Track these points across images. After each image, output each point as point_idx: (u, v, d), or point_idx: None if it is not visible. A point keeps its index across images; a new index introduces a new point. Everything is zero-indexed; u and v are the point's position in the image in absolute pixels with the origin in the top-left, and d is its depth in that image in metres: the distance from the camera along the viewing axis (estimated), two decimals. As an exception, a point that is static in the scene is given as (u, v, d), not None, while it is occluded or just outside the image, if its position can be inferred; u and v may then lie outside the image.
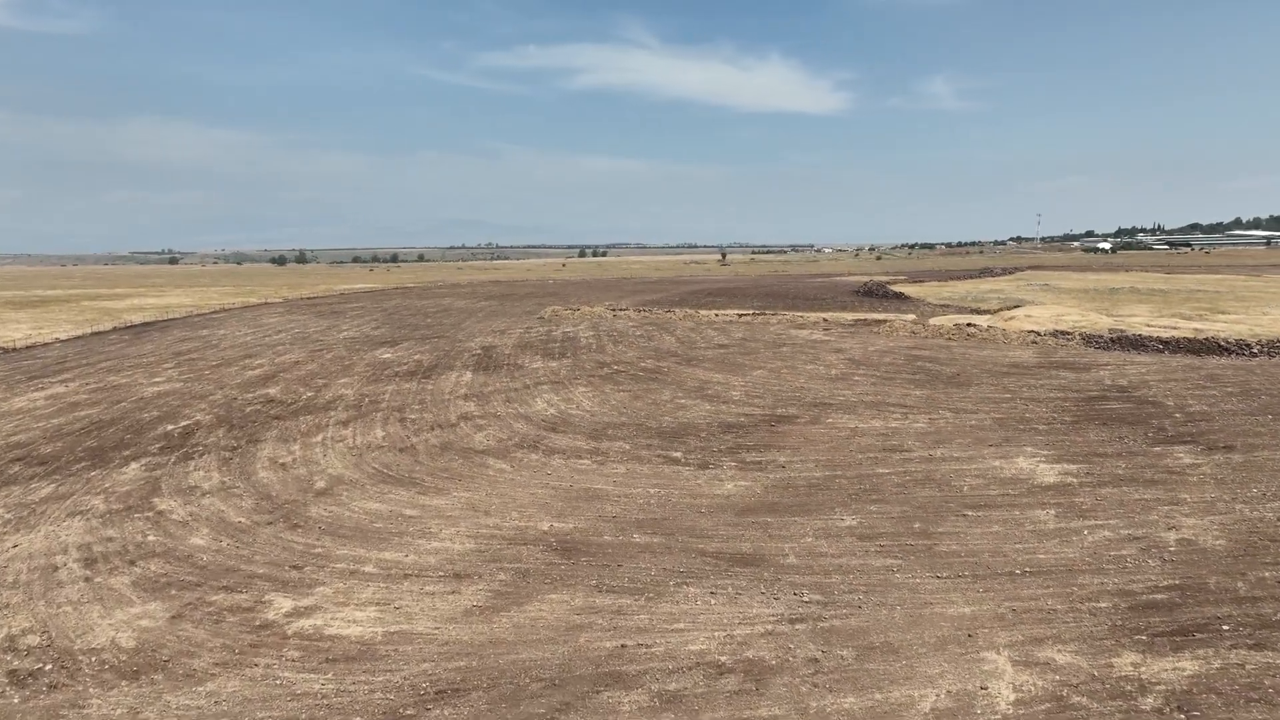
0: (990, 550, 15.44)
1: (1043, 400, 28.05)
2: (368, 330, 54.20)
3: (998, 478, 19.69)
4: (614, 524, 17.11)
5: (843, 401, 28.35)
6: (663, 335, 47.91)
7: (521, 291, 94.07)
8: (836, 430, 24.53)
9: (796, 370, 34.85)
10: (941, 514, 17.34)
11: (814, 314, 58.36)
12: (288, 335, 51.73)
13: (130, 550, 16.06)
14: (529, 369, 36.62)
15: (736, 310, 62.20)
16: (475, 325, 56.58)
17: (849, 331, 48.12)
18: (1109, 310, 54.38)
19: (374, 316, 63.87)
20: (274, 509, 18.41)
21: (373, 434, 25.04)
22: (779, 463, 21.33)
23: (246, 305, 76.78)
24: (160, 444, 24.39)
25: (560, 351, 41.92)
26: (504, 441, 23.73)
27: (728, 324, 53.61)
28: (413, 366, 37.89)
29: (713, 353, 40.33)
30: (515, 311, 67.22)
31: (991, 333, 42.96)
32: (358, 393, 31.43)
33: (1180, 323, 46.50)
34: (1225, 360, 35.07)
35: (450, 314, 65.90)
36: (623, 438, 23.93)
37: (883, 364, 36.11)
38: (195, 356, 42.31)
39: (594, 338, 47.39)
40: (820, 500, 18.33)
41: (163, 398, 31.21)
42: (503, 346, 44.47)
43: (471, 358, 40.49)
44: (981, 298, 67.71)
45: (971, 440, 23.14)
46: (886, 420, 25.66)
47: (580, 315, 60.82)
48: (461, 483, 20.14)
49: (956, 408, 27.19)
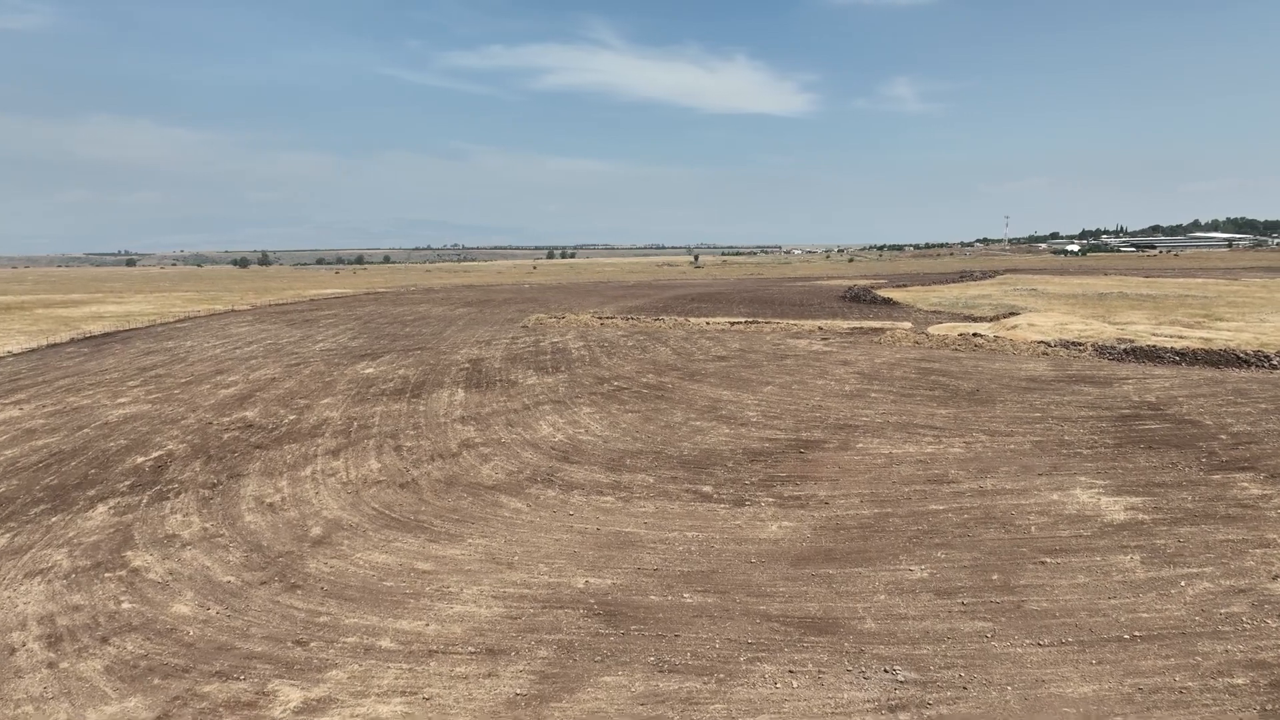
0: (1085, 607, 13.78)
1: (1075, 420, 26.63)
2: (344, 341, 51.64)
3: (1062, 514, 18.08)
4: (657, 579, 15.19)
5: (867, 423, 26.69)
6: (656, 346, 46.05)
7: (499, 297, 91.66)
8: (870, 457, 22.84)
9: (807, 386, 33.17)
10: (1017, 561, 15.67)
11: (807, 322, 56.88)
12: (260, 347, 49.02)
13: (102, 623, 13.81)
14: (524, 386, 34.53)
15: (726, 318, 60.54)
16: (457, 335, 54.27)
17: (849, 341, 46.64)
18: (1107, 317, 53.59)
19: (349, 325, 61.20)
20: (267, 563, 16.22)
21: (367, 466, 22.85)
22: (820, 498, 19.56)
23: (213, 313, 73.54)
24: (130, 480, 21.98)
25: (553, 365, 39.86)
26: (515, 475, 21.68)
27: (721, 333, 51.90)
28: (399, 383, 35.60)
29: (714, 366, 38.53)
30: (496, 319, 64.95)
31: (1000, 343, 41.67)
32: (344, 415, 29.14)
33: (1184, 331, 45.66)
34: (1246, 373, 34.03)
35: (429, 322, 63.43)
36: (643, 468, 22.01)
37: (895, 378, 34.58)
38: (162, 372, 39.59)
39: (585, 349, 45.38)
40: (879, 546, 16.57)
41: (130, 423, 28.67)
42: (491, 359, 42.30)
43: (460, 373, 38.28)
44: (972, 304, 66.75)
45: (1018, 468, 21.56)
46: (920, 444, 24.03)
47: (566, 324, 58.75)
48: (475, 526, 18.08)
49: (989, 429, 25.66)
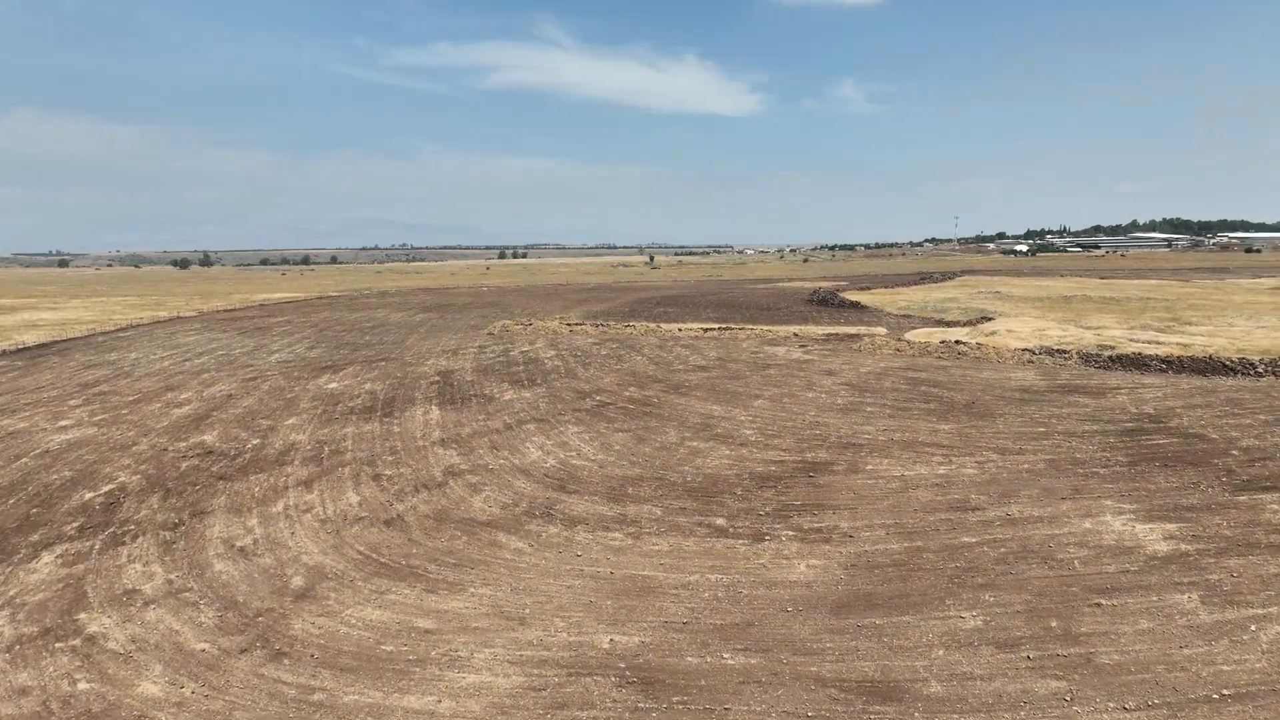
0: (1160, 660, 12.68)
1: (1082, 435, 25.86)
2: (302, 351, 49.12)
3: (1102, 546, 17.07)
4: (690, 635, 13.71)
5: (870, 441, 25.56)
6: (632, 355, 44.57)
7: (458, 301, 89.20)
8: (883, 481, 21.67)
9: (798, 399, 32.01)
10: (1071, 604, 14.55)
11: (781, 327, 55.93)
12: (211, 359, 46.29)
13: (56, 711, 11.84)
14: (502, 402, 32.76)
15: (697, 324, 59.31)
16: (421, 343, 52.09)
17: (828, 349, 45.71)
18: (1079, 321, 53.61)
19: (305, 334, 58.50)
20: (245, 624, 14.35)
21: (345, 499, 20.95)
22: (842, 530, 18.28)
23: (157, 321, 69.95)
24: (78, 521, 19.76)
25: (528, 378, 38.13)
26: (510, 508, 20.01)
27: (695, 340, 50.61)
28: (367, 400, 33.54)
29: (697, 377, 37.19)
30: (459, 326, 62.78)
31: (984, 351, 41.09)
32: (312, 438, 27.08)
33: (1159, 336, 45.69)
34: (1234, 381, 33.80)
35: (388, 329, 61.01)
36: (648, 498, 20.51)
37: (886, 389, 33.62)
38: (107, 389, 36.86)
39: (558, 359, 43.70)
40: (920, 588, 15.32)
41: (74, 450, 26.23)
42: (462, 371, 40.37)
43: (431, 387, 36.33)
44: (941, 308, 66.57)
45: (1039, 491, 20.59)
46: (931, 465, 22.96)
47: (533, 331, 56.90)
48: (476, 572, 16.40)
49: (996, 446, 24.72)
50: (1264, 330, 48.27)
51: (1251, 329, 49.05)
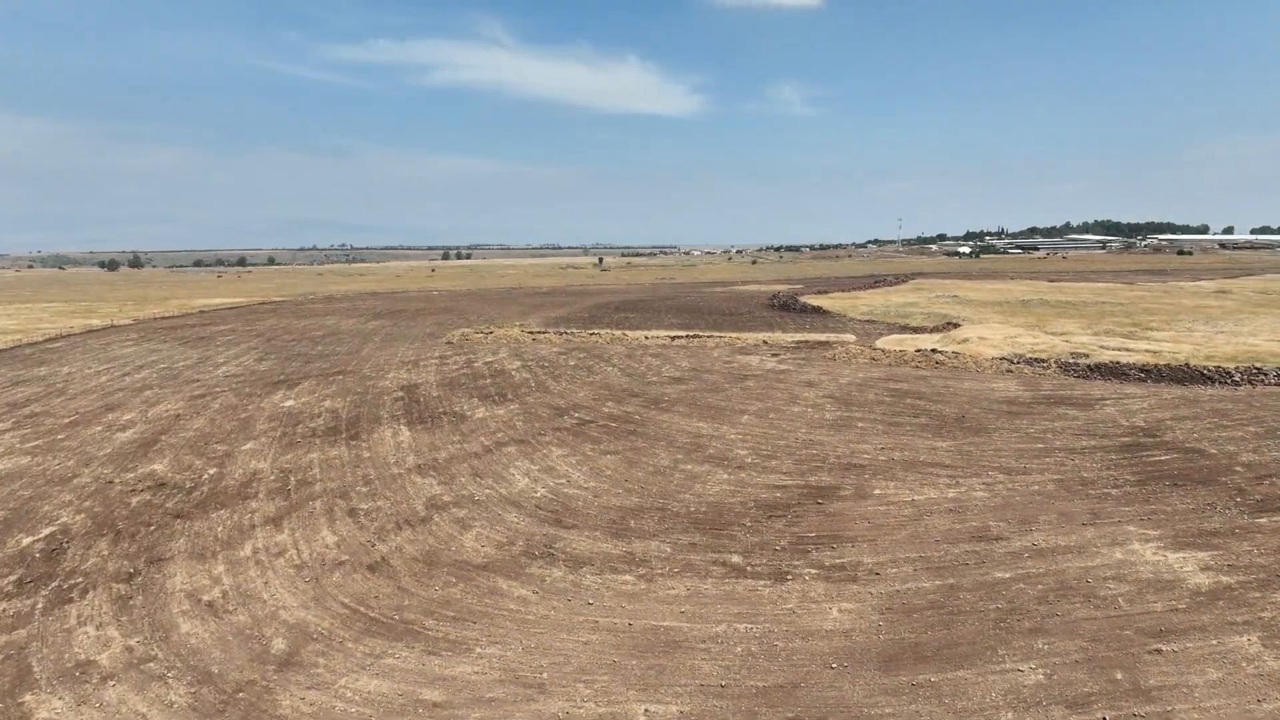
0: (1240, 716, 11.76)
1: (1081, 452, 25.27)
2: (251, 364, 46.46)
3: (1140, 579, 16.24)
4: (731, 702, 12.37)
5: (871, 461, 24.56)
6: (602, 366, 43.10)
7: (411, 307, 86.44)
8: (895, 507, 20.64)
9: (785, 414, 30.94)
10: (1129, 650, 13.60)
11: (748, 335, 55.00)
12: (153, 373, 43.41)
13: (4, 831, 9.95)
14: (475, 420, 31.01)
15: (663, 331, 58.08)
16: (377, 354, 49.81)
17: (802, 358, 44.86)
18: (1044, 327, 53.84)
19: (252, 344, 55.59)
20: (224, 702, 12.54)
21: (321, 539, 19.10)
22: (867, 566, 17.15)
23: (90, 330, 66.00)
24: (16, 573, 17.56)
25: (498, 392, 36.38)
26: (505, 547, 18.41)
27: (664, 349, 49.35)
28: (329, 419, 31.46)
29: (674, 391, 35.90)
30: (415, 334, 60.45)
31: (961, 360, 40.64)
32: (275, 466, 25.03)
33: (1127, 343, 45.93)
34: (1213, 390, 33.79)
35: (341, 338, 58.41)
36: (653, 532, 19.11)
37: (871, 402, 32.78)
38: (39, 410, 34.01)
39: (526, 371, 42.00)
40: (967, 635, 14.23)
41: (5, 485, 23.75)
42: (426, 386, 38.41)
43: (396, 404, 34.35)
44: (904, 313, 66.49)
45: (1057, 517, 19.77)
46: (939, 488, 22.03)
47: (494, 340, 54.97)
48: (479, 627, 14.80)
49: (1000, 465, 23.95)
50: (1224, 336, 48.96)
51: (1212, 335, 49.73)
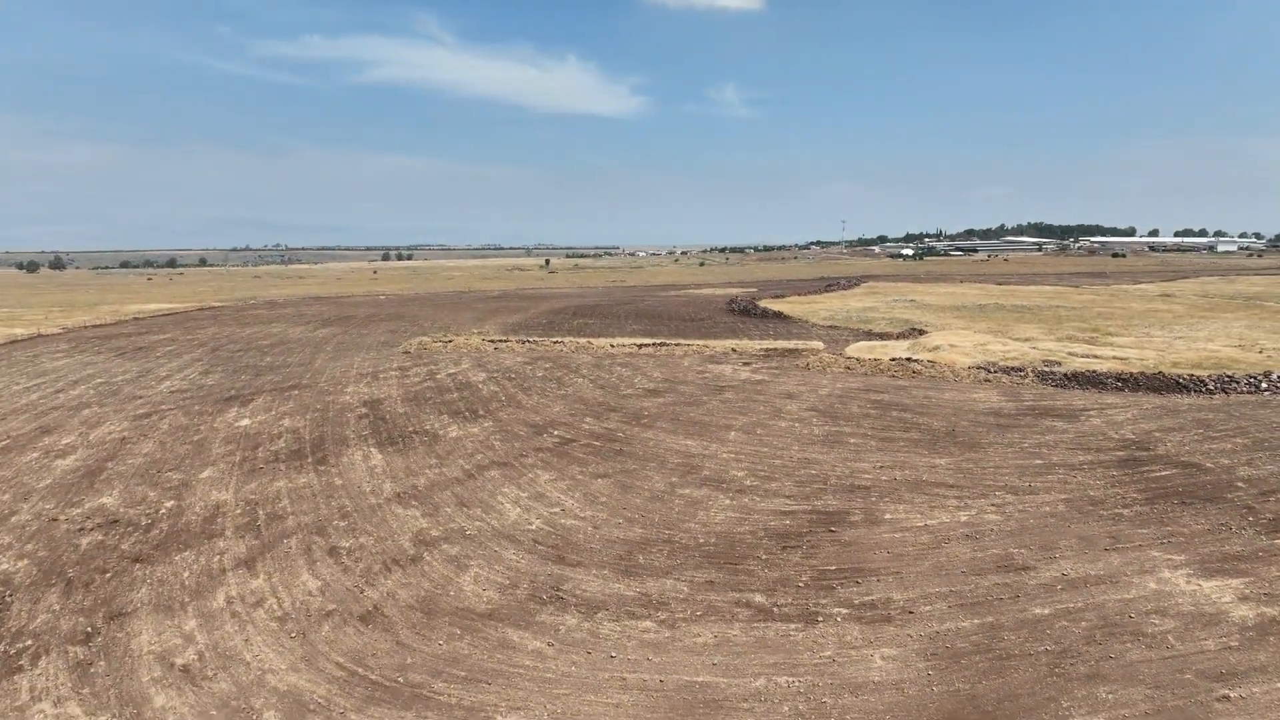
0: (1331, 773, 11.05)
1: (1080, 468, 24.87)
2: (196, 378, 43.83)
3: (1180, 612, 15.62)
4: (794, 774, 11.20)
5: (873, 482, 23.75)
6: (572, 378, 41.69)
7: (359, 313, 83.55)
8: (910, 534, 19.81)
9: (771, 429, 30.03)
10: (1196, 698, 12.89)
11: (716, 343, 54.09)
12: (90, 389, 40.54)
13: None
14: (449, 440, 29.38)
15: (627, 339, 56.83)
16: (332, 365, 47.56)
17: (773, 367, 44.11)
18: (1007, 333, 54.11)
19: (195, 355, 52.65)
20: (214, 798, 10.90)
21: (302, 585, 17.40)
22: (898, 604, 16.21)
23: (14, 340, 61.91)
24: (-46, 634, 15.49)
25: (468, 408, 34.74)
26: (509, 590, 16.97)
27: (632, 358, 48.12)
28: (291, 441, 29.49)
29: (652, 404, 34.73)
30: (369, 343, 58.10)
31: (936, 369, 40.32)
32: (240, 498, 23.10)
33: (1094, 350, 46.29)
34: (1190, 399, 33.97)
35: (291, 348, 55.79)
36: (665, 568, 17.89)
37: (856, 415, 32.08)
38: (-34, 433, 31.22)
39: (493, 384, 40.37)
40: (1023, 683, 13.34)
41: (-65, 523, 21.37)
42: (390, 401, 36.52)
43: (361, 422, 32.47)
44: (866, 318, 66.42)
45: (1077, 541, 19.17)
46: (950, 511, 21.29)
47: (455, 349, 53.02)
48: (495, 689, 13.39)
49: (1003, 483, 23.37)
50: (1183, 341, 49.77)
51: (1170, 340, 50.53)
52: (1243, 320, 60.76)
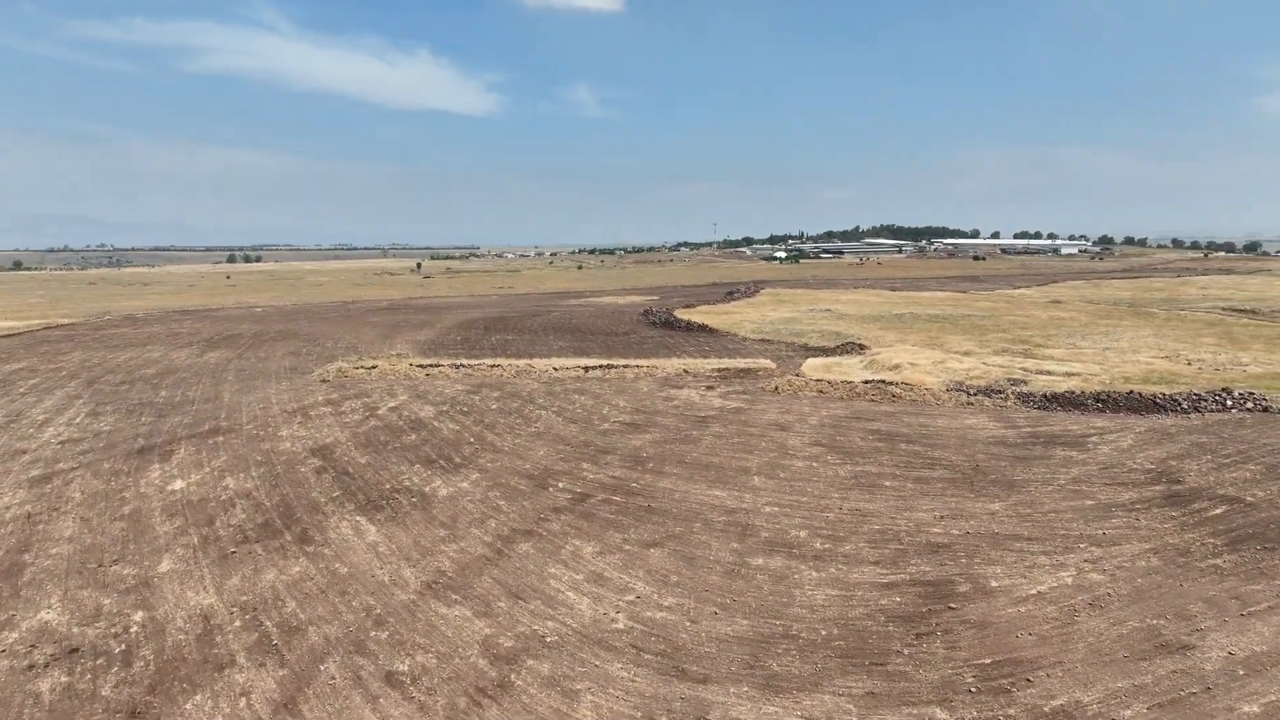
0: None
1: (1132, 507, 24.21)
2: (85, 421, 37.32)
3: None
4: None
5: (944, 536, 22.07)
6: (534, 410, 38.26)
7: (242, 330, 75.73)
8: (1032, 605, 18.16)
9: (792, 470, 28.02)
10: None
11: (660, 361, 51.67)
12: (-48, 442, 33.53)
13: None
14: (441, 500, 25.58)
15: (566, 360, 53.53)
16: (244, 399, 41.90)
17: (739, 391, 42.17)
18: (943, 346, 54.57)
19: (71, 390, 45.26)
20: None
21: (377, 738, 13.64)
22: (1093, 709, 14.46)
23: None
24: None
25: (439, 454, 30.84)
26: (648, 726, 13.89)
27: (583, 384, 44.98)
28: (250, 510, 24.85)
29: (641, 442, 32.01)
30: (272, 369, 52.04)
31: (912, 391, 39.52)
32: (229, 601, 18.69)
33: (1045, 365, 47.04)
34: (1173, 420, 34.46)
35: (183, 379, 49.09)
36: (811, 680, 15.30)
37: (864, 449, 30.53)
38: None
39: (448, 420, 36.40)
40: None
41: None
42: (342, 447, 31.99)
43: (322, 478, 28.02)
44: (795, 331, 65.84)
45: (1205, 607, 18.09)
46: (1045, 569, 19.96)
47: (380, 376, 48.09)
48: None
49: (1074, 532, 22.26)
50: (1113, 353, 51.63)
51: (1100, 352, 52.30)
52: (1145, 329, 64.17)
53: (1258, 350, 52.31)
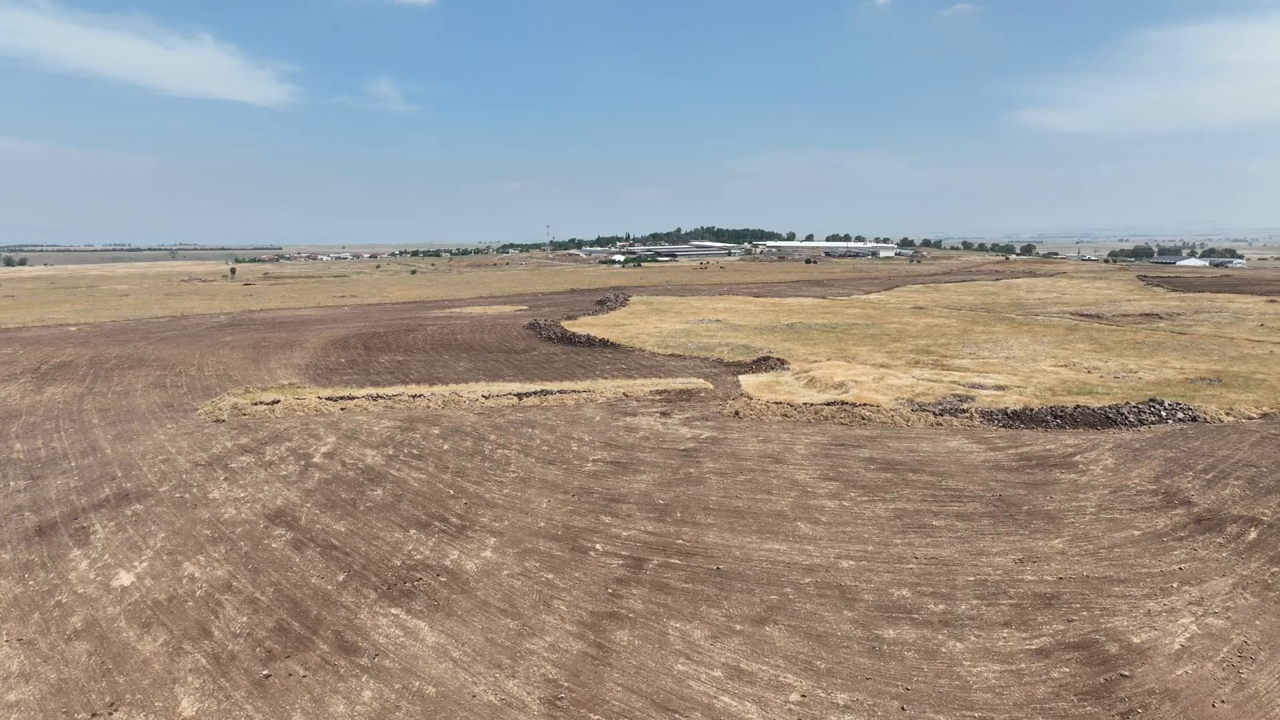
0: None
1: (1178, 537, 24.82)
2: (-69, 490, 29.77)
3: None
4: None
5: (1042, 584, 21.45)
6: (497, 451, 34.88)
7: (70, 357, 65.02)
8: (1190, 665, 17.75)
9: (831, 515, 26.70)
10: None
11: (591, 385, 48.97)
12: None
13: None
14: (477, 578, 22.04)
15: (491, 387, 49.71)
16: (127, 447, 35.45)
17: (697, 418, 40.49)
18: (853, 357, 55.45)
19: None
20: None
21: None
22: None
23: None
24: None
25: (429, 514, 27.04)
26: None
27: (527, 415, 41.60)
28: (248, 609, 20.24)
29: (645, 486, 29.79)
30: (142, 407, 44.60)
31: (878, 413, 39.36)
32: (308, 755, 14.60)
33: (971, 377, 48.59)
34: (1129, 434, 36.17)
35: (30, 422, 40.91)
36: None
37: (880, 483, 29.82)
38: None
39: (406, 467, 32.33)
40: None
41: None
42: (303, 511, 27.29)
43: (305, 555, 23.54)
44: (702, 345, 64.96)
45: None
46: (1172, 619, 19.69)
47: (289, 412, 42.20)
48: None
49: (1159, 569, 22.36)
50: (1018, 362, 54.65)
51: (1005, 361, 55.17)
52: (1024, 337, 68.67)
53: (1133, 357, 56.95)
